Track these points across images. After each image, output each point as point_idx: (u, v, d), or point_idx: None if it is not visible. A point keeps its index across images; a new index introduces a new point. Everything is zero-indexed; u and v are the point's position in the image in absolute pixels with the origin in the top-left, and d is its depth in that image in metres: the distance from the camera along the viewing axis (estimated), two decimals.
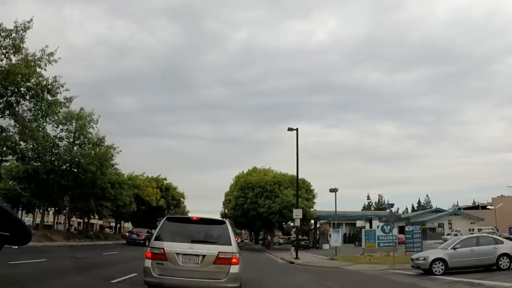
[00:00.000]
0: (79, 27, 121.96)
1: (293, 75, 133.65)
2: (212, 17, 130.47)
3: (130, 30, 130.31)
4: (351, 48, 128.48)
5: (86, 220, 50.91)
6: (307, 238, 54.91)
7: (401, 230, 34.18)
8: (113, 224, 66.56)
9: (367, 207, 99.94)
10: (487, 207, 66.61)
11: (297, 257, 25.95)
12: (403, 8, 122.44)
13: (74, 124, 33.10)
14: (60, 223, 54.39)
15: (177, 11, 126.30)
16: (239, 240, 13.74)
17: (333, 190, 31.05)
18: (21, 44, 22.52)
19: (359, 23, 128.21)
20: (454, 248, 15.67)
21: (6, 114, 24.10)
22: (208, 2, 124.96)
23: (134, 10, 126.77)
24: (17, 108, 24.51)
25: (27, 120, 24.92)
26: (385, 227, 26.20)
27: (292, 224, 52.75)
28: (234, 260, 7.44)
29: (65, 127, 32.97)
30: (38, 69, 23.66)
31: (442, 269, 15.10)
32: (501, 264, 15.18)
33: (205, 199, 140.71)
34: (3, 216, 1.59)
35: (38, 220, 43.57)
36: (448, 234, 45.36)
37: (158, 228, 8.30)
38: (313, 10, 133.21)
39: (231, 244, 7.65)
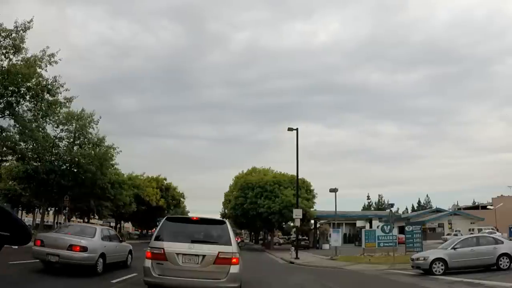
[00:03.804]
0: (81, 27, 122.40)
1: (295, 75, 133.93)
2: (214, 18, 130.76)
3: (132, 30, 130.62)
4: (353, 49, 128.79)
5: (86, 220, 50.89)
6: (307, 238, 54.86)
7: (401, 230, 34.17)
8: (113, 224, 66.50)
9: (367, 207, 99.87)
10: (487, 207, 66.60)
11: (297, 257, 25.95)
12: (405, 9, 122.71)
13: (74, 125, 33.09)
14: (60, 223, 54.39)
15: (179, 12, 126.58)
16: (239, 240, 13.71)
17: (333, 190, 31.04)
18: (21, 44, 22.52)
19: (361, 24, 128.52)
20: (454, 248, 15.66)
21: (6, 114, 24.08)
22: (211, 3, 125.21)
23: (136, 11, 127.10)
24: (17, 108, 24.49)
25: (27, 120, 24.91)
26: (385, 227, 26.17)
27: (292, 224, 52.77)
28: (234, 260, 7.44)
29: (65, 127, 32.97)
30: (38, 70, 23.66)
31: (442, 269, 15.10)
32: (501, 264, 15.17)
33: (205, 199, 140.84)
34: (3, 216, 1.59)
35: (38, 220, 43.58)
36: (448, 234, 45.37)
37: (158, 228, 8.30)
38: (315, 11, 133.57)
39: (231, 244, 7.65)
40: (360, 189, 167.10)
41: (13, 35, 22.15)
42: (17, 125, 24.62)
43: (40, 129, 26.51)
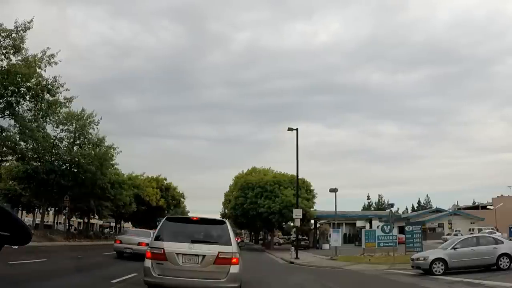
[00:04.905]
0: (82, 27, 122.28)
1: (296, 75, 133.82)
2: (215, 18, 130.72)
3: (133, 31, 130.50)
4: (353, 49, 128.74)
5: (86, 220, 50.91)
6: (307, 238, 54.84)
7: (401, 230, 34.17)
8: (113, 224, 66.57)
9: (367, 207, 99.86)
10: (487, 207, 66.56)
11: (297, 257, 25.95)
12: (405, 10, 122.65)
13: (74, 125, 33.10)
14: (60, 223, 54.40)
15: (180, 12, 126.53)
16: (239, 240, 13.76)
17: (333, 190, 31.04)
18: (21, 44, 22.53)
19: (362, 24, 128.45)
20: (454, 248, 15.66)
21: (6, 114, 24.09)
22: (212, 3, 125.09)
23: (137, 11, 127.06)
24: (17, 108, 24.50)
25: (27, 120, 24.91)
26: (385, 227, 26.18)
27: (292, 224, 52.74)
28: (234, 260, 7.43)
29: (65, 128, 32.98)
30: (38, 70, 23.68)
31: (442, 269, 15.09)
32: (501, 264, 15.17)
33: (205, 199, 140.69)
34: (3, 216, 1.59)
35: (38, 220, 43.56)
36: (448, 234, 45.36)
37: (158, 228, 8.29)
38: (316, 11, 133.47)
39: (231, 244, 7.64)
40: (360, 189, 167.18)
41: (13, 35, 22.17)
42: (17, 125, 24.63)
43: (40, 129, 26.51)
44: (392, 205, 39.14)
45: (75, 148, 33.92)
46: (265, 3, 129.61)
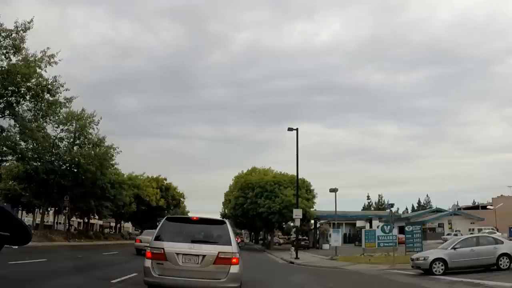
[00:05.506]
0: (82, 27, 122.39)
1: (296, 75, 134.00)
2: (216, 18, 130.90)
3: (134, 31, 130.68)
4: (354, 49, 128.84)
5: (86, 220, 50.90)
6: (307, 238, 54.77)
7: (401, 230, 34.12)
8: (113, 224, 66.59)
9: (367, 207, 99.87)
10: (487, 207, 66.47)
11: (297, 257, 25.94)
12: (406, 10, 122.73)
13: (74, 125, 33.10)
14: (60, 223, 54.38)
15: (181, 12, 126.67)
16: (239, 240, 13.78)
17: (333, 190, 31.01)
18: (21, 44, 22.55)
19: (362, 25, 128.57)
20: (454, 248, 15.65)
21: (6, 114, 24.10)
22: (212, 3, 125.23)
23: (138, 11, 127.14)
24: (17, 108, 24.51)
25: (27, 120, 24.92)
26: (385, 227, 26.17)
27: (292, 224, 52.75)
28: (234, 260, 7.43)
29: (65, 127, 32.99)
30: (38, 70, 23.70)
31: (442, 269, 15.09)
32: (501, 264, 15.17)
33: (205, 199, 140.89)
34: (3, 216, 1.59)
35: (38, 220, 43.56)
36: (448, 234, 45.34)
37: (158, 228, 8.28)
38: (317, 11, 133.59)
39: (231, 244, 7.63)
40: (360, 189, 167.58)
41: (13, 35, 22.19)
42: (17, 125, 24.64)
43: (40, 129, 26.51)
44: (392, 205, 39.00)
45: (75, 148, 33.93)
46: (265, 3, 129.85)
